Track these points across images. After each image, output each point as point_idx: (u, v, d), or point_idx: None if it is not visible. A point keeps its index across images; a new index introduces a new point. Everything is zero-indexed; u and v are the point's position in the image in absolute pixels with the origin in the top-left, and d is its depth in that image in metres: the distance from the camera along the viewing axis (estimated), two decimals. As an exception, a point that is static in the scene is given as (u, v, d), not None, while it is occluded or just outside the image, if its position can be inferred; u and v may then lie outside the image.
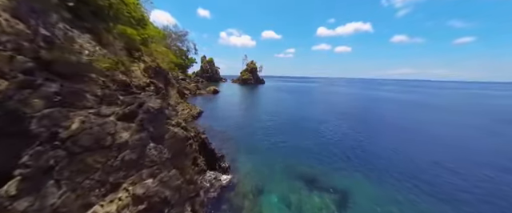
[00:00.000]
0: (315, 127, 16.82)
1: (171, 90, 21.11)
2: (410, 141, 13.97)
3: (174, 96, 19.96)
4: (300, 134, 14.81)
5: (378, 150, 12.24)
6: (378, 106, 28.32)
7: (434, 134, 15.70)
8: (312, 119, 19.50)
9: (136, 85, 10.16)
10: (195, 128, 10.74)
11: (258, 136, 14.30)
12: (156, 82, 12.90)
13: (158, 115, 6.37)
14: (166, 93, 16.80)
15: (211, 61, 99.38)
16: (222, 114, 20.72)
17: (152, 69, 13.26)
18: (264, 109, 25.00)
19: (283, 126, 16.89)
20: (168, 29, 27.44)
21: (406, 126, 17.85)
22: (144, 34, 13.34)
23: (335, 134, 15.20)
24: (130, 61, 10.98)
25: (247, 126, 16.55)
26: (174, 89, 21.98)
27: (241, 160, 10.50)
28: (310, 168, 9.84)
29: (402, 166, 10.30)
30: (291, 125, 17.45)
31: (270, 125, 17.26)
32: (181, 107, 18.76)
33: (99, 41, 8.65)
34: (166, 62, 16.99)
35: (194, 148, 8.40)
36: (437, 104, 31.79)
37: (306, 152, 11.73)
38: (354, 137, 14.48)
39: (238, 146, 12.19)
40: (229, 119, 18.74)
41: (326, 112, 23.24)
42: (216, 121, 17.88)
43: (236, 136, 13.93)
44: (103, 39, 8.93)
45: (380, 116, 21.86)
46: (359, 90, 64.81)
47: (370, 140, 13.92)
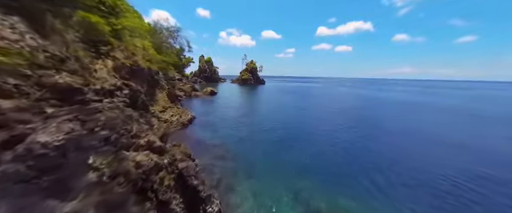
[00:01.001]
0: (332, 140, 14.16)
1: (159, 92, 18.45)
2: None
3: (161, 100, 17.28)
4: (313, 151, 12.13)
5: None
6: (411, 116, 25.08)
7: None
8: (325, 129, 16.78)
9: (97, 89, 7.45)
10: (177, 148, 8.06)
11: (260, 152, 11.61)
12: (131, 85, 10.20)
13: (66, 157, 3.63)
14: (148, 97, 14.13)
15: (209, 60, 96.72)
16: (218, 121, 18.02)
17: (126, 68, 10.57)
18: (266, 114, 22.31)
19: (290, 138, 14.22)
20: (158, 24, 24.66)
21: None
22: (117, 23, 10.66)
23: (365, 152, 12.53)
24: (89, 56, 8.30)
25: (247, 138, 13.87)
26: (163, 91, 19.30)
27: (238, 193, 7.80)
28: (333, 205, 7.16)
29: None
30: (300, 136, 14.78)
31: (274, 136, 14.59)
32: (169, 113, 16.09)
33: (39, 27, 5.95)
34: (147, 59, 14.29)
35: (165, 185, 5.73)
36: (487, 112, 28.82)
37: (325, 178, 9.06)
38: (393, 160, 11.80)
39: (235, 167, 9.50)
40: (225, 128, 16.05)
41: (341, 118, 20.56)
42: (209, 130, 15.18)
43: (232, 152, 11.25)
44: (46, 26, 6.21)
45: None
46: (369, 92, 62.09)
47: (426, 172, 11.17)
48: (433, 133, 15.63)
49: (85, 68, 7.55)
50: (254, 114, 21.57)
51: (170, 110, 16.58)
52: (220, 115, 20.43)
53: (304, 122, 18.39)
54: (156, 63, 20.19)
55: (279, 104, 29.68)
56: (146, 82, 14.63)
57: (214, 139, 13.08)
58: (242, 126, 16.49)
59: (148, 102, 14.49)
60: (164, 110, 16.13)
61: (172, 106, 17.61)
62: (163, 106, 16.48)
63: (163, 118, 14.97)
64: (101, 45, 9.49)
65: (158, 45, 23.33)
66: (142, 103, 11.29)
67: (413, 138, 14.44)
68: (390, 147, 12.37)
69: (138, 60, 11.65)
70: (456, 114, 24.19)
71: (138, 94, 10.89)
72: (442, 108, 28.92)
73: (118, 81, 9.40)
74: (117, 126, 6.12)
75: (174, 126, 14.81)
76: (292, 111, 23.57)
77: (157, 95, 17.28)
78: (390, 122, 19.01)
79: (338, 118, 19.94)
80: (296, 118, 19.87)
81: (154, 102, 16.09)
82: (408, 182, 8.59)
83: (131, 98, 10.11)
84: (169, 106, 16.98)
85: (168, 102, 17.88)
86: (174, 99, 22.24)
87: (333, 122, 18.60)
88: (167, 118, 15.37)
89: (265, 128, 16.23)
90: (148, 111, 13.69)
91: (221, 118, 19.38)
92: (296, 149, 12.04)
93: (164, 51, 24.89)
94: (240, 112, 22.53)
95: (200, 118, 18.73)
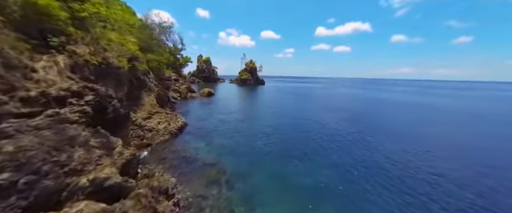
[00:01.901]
0: (347, 153, 11.88)
1: (147, 96, 16.09)
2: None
3: (148, 104, 14.92)
4: (327, 169, 9.85)
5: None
6: (430, 121, 22.86)
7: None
8: (338, 139, 14.50)
9: (29, 97, 5.14)
10: (148, 181, 5.74)
11: (263, 172, 9.30)
12: (97, 88, 7.88)
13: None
14: (128, 103, 11.80)
15: (208, 60, 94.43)
16: (213, 129, 15.69)
17: (92, 67, 8.24)
18: (267, 119, 19.98)
19: (299, 151, 11.93)
20: (148, 19, 22.31)
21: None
22: (80, 9, 8.33)
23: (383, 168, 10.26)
24: (26, 50, 5.99)
25: (246, 152, 11.56)
26: (152, 94, 16.95)
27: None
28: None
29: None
30: (308, 148, 12.49)
31: (279, 148, 12.30)
32: (156, 120, 13.75)
33: None
34: (129, 57, 11.97)
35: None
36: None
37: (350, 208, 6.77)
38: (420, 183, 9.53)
39: (232, 198, 7.16)
40: (220, 137, 13.74)
41: (353, 125, 18.28)
42: (202, 140, 12.85)
43: (229, 173, 8.91)
44: None
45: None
46: (372, 93, 59.86)
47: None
48: (458, 140, 13.41)
49: (10, 66, 5.22)
50: (254, 120, 19.24)
51: (158, 117, 14.23)
52: (216, 121, 18.09)
53: (312, 130, 16.09)
54: (143, 62, 17.92)
55: (281, 107, 27.36)
56: (127, 84, 12.29)
57: (206, 154, 10.74)
58: (241, 136, 14.17)
59: (128, 108, 12.18)
60: (150, 116, 13.78)
61: (161, 111, 15.25)
62: (150, 111, 14.13)
63: (148, 127, 12.64)
64: (53, 36, 7.16)
65: (148, 42, 21.00)
66: (114, 111, 8.96)
67: (441, 146, 12.19)
68: (418, 163, 10.10)
69: (110, 57, 9.28)
70: (478, 118, 21.98)
71: (108, 99, 8.54)
72: (458, 111, 26.69)
73: (75, 84, 7.07)
74: (35, 159, 3.80)
75: (160, 136, 12.47)
76: (296, 116, 21.25)
77: (143, 99, 14.94)
78: (408, 130, 16.75)
79: (350, 125, 17.66)
80: (302, 125, 17.55)
81: (138, 108, 13.78)
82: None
83: (97, 106, 7.78)
84: (156, 112, 14.63)
85: (156, 106, 15.54)
86: (165, 103, 19.89)
87: (344, 129, 16.31)
88: (153, 126, 13.03)
89: (267, 138, 13.92)
90: (127, 119, 11.39)
91: (217, 124, 17.05)
92: (306, 165, 9.75)
93: (155, 49, 22.56)
94: (239, 116, 20.20)
95: (193, 124, 16.38)
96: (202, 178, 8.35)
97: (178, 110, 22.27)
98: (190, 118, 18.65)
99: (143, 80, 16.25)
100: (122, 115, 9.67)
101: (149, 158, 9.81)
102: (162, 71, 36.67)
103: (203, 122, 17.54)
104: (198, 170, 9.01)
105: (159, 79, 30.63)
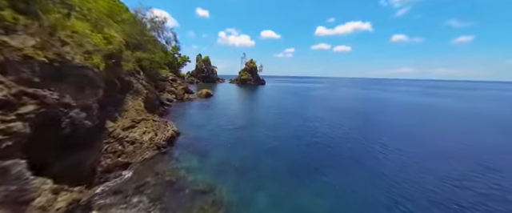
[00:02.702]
0: (364, 168, 9.69)
1: (133, 99, 13.85)
2: None
3: (133, 110, 12.68)
4: (344, 189, 7.64)
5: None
6: (443, 124, 20.81)
7: None
8: (352, 152, 12.29)
9: None
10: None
11: (274, 199, 7.08)
12: (42, 95, 5.65)
13: None
14: (104, 110, 9.54)
15: (207, 60, 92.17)
16: (209, 139, 13.47)
17: (37, 65, 6.00)
18: (271, 125, 17.76)
19: (310, 166, 9.73)
20: (139, 14, 20.04)
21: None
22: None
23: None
24: None
25: (249, 171, 9.34)
26: (139, 97, 14.71)
27: None
28: None
29: None
30: (319, 162, 10.31)
31: (289, 165, 10.10)
32: (141, 129, 11.50)
33: None
34: (107, 53, 9.73)
35: None
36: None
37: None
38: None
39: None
40: (217, 150, 11.51)
41: (366, 131, 16.10)
42: (195, 157, 10.55)
43: (227, 206, 6.69)
44: None
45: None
46: (376, 93, 57.63)
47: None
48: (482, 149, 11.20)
49: None
50: (257, 126, 16.99)
51: (144, 125, 11.98)
52: (213, 128, 15.85)
53: (325, 138, 13.89)
54: (129, 61, 15.68)
55: (286, 110, 25.12)
56: (104, 86, 10.03)
57: (199, 177, 8.47)
58: (243, 149, 11.93)
59: (105, 116, 9.93)
60: (134, 124, 11.53)
61: (148, 117, 13.00)
62: (134, 118, 11.87)
63: (129, 139, 10.38)
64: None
65: (137, 38, 18.74)
66: (72, 125, 6.71)
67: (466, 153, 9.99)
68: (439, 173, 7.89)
69: (70, 53, 7.02)
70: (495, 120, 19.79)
71: (63, 109, 6.29)
72: (473, 114, 24.49)
73: (4, 89, 4.83)
74: None
75: (143, 151, 10.21)
76: (304, 121, 19.03)
77: (127, 104, 12.69)
78: (424, 134, 14.55)
79: (362, 131, 15.48)
80: (313, 132, 15.34)
81: (119, 115, 11.52)
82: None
83: (43, 120, 5.56)
84: (142, 119, 12.38)
85: (143, 112, 13.29)
86: (155, 107, 17.63)
87: (357, 137, 14.12)
88: (136, 137, 10.78)
89: (274, 150, 11.69)
90: (99, 132, 9.14)
91: (214, 132, 14.81)
92: (318, 186, 7.54)
93: (147, 47, 20.30)
94: (240, 122, 17.95)
95: (186, 133, 14.12)
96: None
97: (172, 114, 20.03)
98: (184, 124, 16.40)
99: (128, 82, 13.99)
100: (88, 128, 7.43)
101: (121, 187, 7.54)
102: (156, 71, 34.44)
103: (199, 129, 15.28)
104: (187, 202, 6.76)
105: (152, 80, 28.42)
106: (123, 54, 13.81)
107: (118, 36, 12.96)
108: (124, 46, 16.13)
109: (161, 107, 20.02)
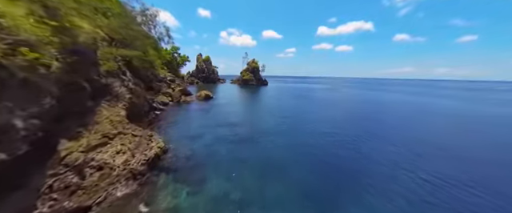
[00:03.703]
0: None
1: (106, 108, 11.09)
2: None
3: (105, 121, 9.93)
4: None
5: None
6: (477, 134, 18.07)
7: None
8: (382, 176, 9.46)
9: None
10: None
11: None
12: None
13: None
14: (68, 124, 6.80)
15: (208, 59, 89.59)
16: (205, 157, 10.68)
17: None
18: (279, 137, 14.97)
19: (344, 199, 6.92)
20: (128, 5, 17.30)
21: None
22: None
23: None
24: None
25: (259, 205, 6.56)
26: (119, 104, 11.97)
27: None
28: None
29: None
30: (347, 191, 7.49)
31: (312, 195, 7.30)
32: (113, 147, 8.74)
33: None
34: (45, 45, 6.96)
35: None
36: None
37: None
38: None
39: None
40: (215, 175, 8.72)
41: (390, 144, 13.29)
42: (183, 187, 7.73)
43: None
44: None
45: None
46: (385, 94, 54.63)
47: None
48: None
49: None
50: (263, 138, 14.17)
51: (119, 141, 9.22)
52: (211, 141, 13.07)
53: (347, 151, 11.09)
54: (109, 59, 12.96)
55: (293, 116, 22.29)
56: (55, 93, 7.27)
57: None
58: (249, 174, 9.15)
59: (57, 134, 7.18)
60: (105, 141, 8.76)
61: (126, 130, 10.22)
62: (106, 133, 9.11)
63: (95, 163, 7.62)
64: None
65: (123, 32, 16.01)
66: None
67: None
68: None
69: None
70: None
71: None
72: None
73: None
74: None
75: (112, 182, 7.43)
76: (316, 130, 16.24)
77: (99, 113, 9.91)
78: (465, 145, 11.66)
79: (385, 144, 12.66)
80: (329, 149, 12.53)
81: (84, 130, 8.75)
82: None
83: None
84: (119, 133, 9.62)
85: (122, 122, 10.53)
86: (142, 114, 14.87)
87: (383, 152, 11.29)
88: (106, 159, 8.01)
89: (287, 175, 8.90)
90: (43, 159, 6.40)
91: (212, 147, 12.02)
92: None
93: (135, 43, 17.57)
94: (243, 132, 15.14)
95: (176, 149, 11.32)
96: None
97: (164, 120, 17.27)
98: (176, 135, 13.65)
99: (105, 85, 11.24)
100: (13, 159, 4.69)
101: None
102: (152, 71, 31.72)
103: (193, 143, 12.49)
104: None
105: (145, 81, 25.70)
106: (99, 51, 11.09)
107: (91, 28, 10.22)
108: (104, 41, 13.45)
109: (151, 113, 17.29)
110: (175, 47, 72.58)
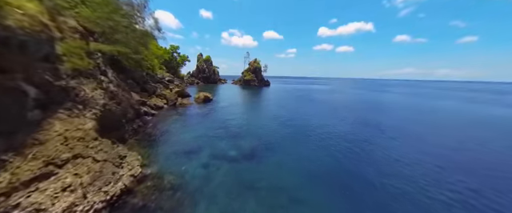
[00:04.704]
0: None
1: (60, 122, 8.27)
2: None
3: (55, 140, 7.13)
4: None
5: None
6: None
7: None
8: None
9: None
10: None
11: None
12: None
13: None
14: None
15: (208, 59, 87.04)
16: (198, 191, 7.90)
17: None
18: (290, 148, 12.20)
19: None
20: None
21: None
22: None
23: None
24: None
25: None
26: (86, 113, 9.20)
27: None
28: None
29: None
30: None
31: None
32: (56, 184, 5.97)
33: None
34: None
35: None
36: None
37: None
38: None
39: None
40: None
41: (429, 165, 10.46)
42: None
43: None
44: None
45: None
46: (394, 96, 51.77)
47: None
48: None
49: None
50: (269, 153, 11.37)
51: (72, 169, 6.45)
52: (205, 160, 10.24)
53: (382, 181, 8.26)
54: (81, 56, 10.21)
55: (303, 123, 19.40)
56: None
57: None
58: (256, 208, 6.36)
59: None
60: (48, 172, 5.98)
61: (89, 150, 7.45)
62: (52, 159, 6.32)
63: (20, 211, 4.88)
64: None
65: (104, 24, 13.28)
66: None
67: None
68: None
69: None
70: None
71: None
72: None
73: None
74: None
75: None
76: (334, 141, 13.43)
77: (49, 129, 7.13)
78: None
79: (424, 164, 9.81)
80: (351, 166, 9.71)
81: (15, 155, 5.97)
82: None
83: None
84: (75, 156, 6.85)
85: (85, 139, 7.75)
86: (122, 124, 12.02)
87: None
88: (41, 202, 5.24)
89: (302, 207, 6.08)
90: None
91: (207, 170, 9.20)
92: None
93: (118, 38, 14.80)
94: (245, 146, 12.29)
95: (158, 174, 8.48)
96: None
97: (151, 129, 14.47)
98: (161, 152, 10.85)
99: (64, 89, 8.46)
100: None
101: None
102: (148, 71, 29.02)
103: (182, 162, 9.68)
104: None
105: (135, 82, 22.96)
106: (56, 43, 8.32)
107: (39, 10, 7.46)
108: (75, 33, 10.72)
109: (137, 121, 14.50)
110: (174, 46, 69.98)
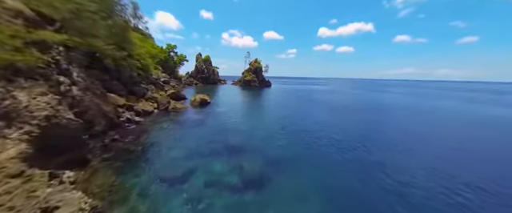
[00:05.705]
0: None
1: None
2: None
3: None
4: None
5: None
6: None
7: None
8: None
9: None
10: None
11: None
12: None
13: None
14: None
15: (207, 59, 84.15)
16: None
17: None
18: (299, 164, 9.35)
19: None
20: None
21: None
22: None
23: None
24: None
25: None
26: (9, 135, 6.27)
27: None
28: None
29: None
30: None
31: None
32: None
33: None
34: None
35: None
36: None
37: None
38: None
39: None
40: None
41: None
42: None
43: None
44: None
45: None
46: (397, 97, 48.89)
47: None
48: None
49: None
50: (277, 173, 8.51)
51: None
52: (196, 191, 7.36)
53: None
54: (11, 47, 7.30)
55: (310, 129, 16.56)
56: None
57: None
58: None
59: None
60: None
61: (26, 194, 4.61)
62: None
63: None
64: None
65: (66, 13, 10.35)
66: None
67: None
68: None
69: None
70: None
71: None
72: None
73: None
74: None
75: None
76: (348, 154, 10.56)
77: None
78: None
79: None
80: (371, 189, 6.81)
81: None
82: None
83: None
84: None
85: (0, 176, 4.90)
86: (83, 141, 9.09)
87: None
88: None
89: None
90: None
91: (198, 207, 6.35)
92: None
93: (81, 26, 11.84)
94: (247, 167, 9.40)
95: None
96: None
97: (129, 144, 11.48)
98: (135, 181, 7.95)
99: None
100: None
101: None
102: (144, 71, 26.05)
103: (163, 197, 6.81)
104: None
105: (121, 83, 20.03)
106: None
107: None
108: (17, 18, 7.84)
109: (110, 134, 11.58)
110: (171, 45, 67.13)
